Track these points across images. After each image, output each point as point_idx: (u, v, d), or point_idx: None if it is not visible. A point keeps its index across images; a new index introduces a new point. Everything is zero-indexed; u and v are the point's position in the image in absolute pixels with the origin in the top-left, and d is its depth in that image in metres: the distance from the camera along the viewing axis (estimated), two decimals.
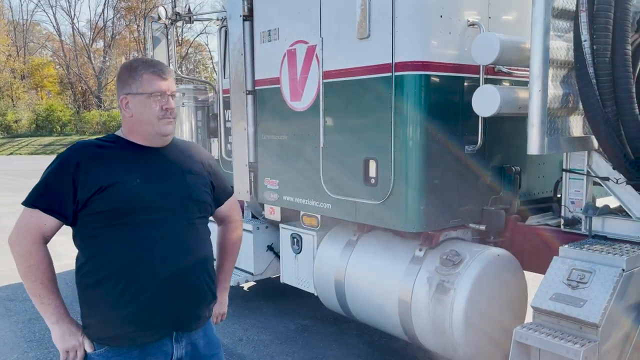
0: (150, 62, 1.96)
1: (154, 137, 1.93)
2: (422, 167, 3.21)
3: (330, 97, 3.67)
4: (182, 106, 5.52)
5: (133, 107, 1.90)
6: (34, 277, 1.83)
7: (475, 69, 3.28)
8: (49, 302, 1.85)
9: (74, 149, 1.89)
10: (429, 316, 3.22)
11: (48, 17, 58.98)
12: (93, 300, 1.86)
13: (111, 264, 1.83)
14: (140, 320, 1.85)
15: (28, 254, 1.83)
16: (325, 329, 4.71)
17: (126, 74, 1.92)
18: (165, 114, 1.90)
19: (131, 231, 1.83)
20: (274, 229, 4.82)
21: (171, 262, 1.87)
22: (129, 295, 1.82)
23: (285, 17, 4.01)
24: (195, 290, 1.96)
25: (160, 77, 1.90)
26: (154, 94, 1.88)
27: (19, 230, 1.85)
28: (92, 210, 1.81)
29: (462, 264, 3.16)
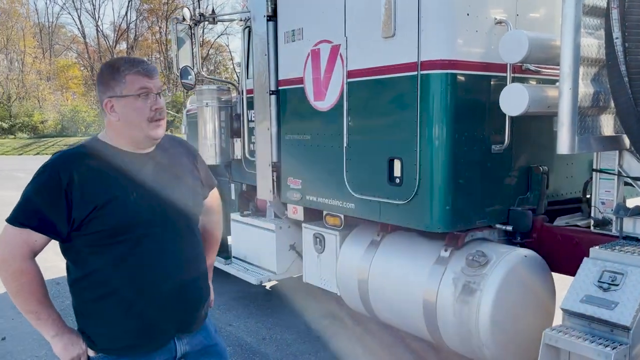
0: (133, 60, 1.83)
1: (144, 141, 1.84)
2: (448, 166, 3.17)
3: (354, 96, 3.65)
4: (206, 106, 5.56)
5: (119, 110, 1.79)
6: (27, 294, 1.78)
7: (502, 68, 3.23)
8: (46, 318, 1.81)
9: (62, 161, 1.77)
10: (454, 317, 3.18)
11: (73, 19, 60.19)
12: (96, 314, 1.84)
13: (113, 280, 1.79)
14: (144, 334, 1.86)
15: (19, 273, 1.75)
16: (348, 329, 4.70)
17: (108, 76, 1.80)
18: (155, 115, 1.81)
19: (131, 247, 1.78)
20: (296, 228, 4.82)
21: (173, 273, 1.86)
22: (133, 311, 1.81)
23: (309, 17, 4.01)
24: (196, 295, 1.98)
25: (146, 75, 1.80)
26: (141, 94, 1.78)
27: (5, 248, 1.75)
28: (89, 230, 1.74)
29: (489, 265, 3.12)
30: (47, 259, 2.37)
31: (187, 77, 5.23)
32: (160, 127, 1.84)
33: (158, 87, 1.84)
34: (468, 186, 3.26)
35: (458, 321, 3.17)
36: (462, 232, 3.35)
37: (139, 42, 45.48)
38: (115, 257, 1.78)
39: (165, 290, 1.84)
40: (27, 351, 4.32)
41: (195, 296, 1.98)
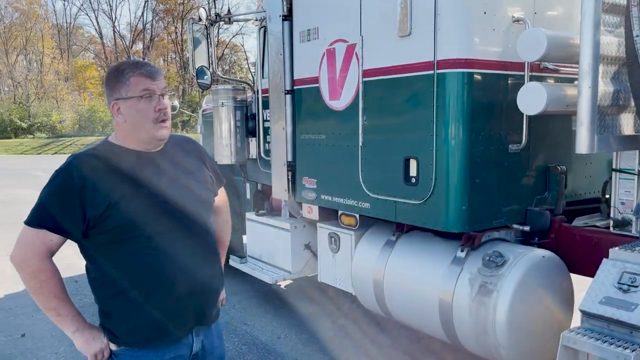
0: (137, 63, 1.89)
1: (150, 141, 1.89)
2: (465, 166, 3.15)
3: (370, 95, 3.65)
4: (222, 106, 5.58)
5: (125, 112, 1.84)
6: (47, 292, 1.83)
7: (520, 66, 3.20)
8: (66, 314, 1.86)
9: (75, 164, 1.82)
10: (470, 318, 3.16)
11: (90, 20, 60.84)
12: (116, 309, 1.89)
13: (130, 276, 1.84)
14: (164, 326, 1.89)
15: (38, 271, 1.81)
16: (363, 328, 4.69)
17: (114, 79, 1.85)
18: (160, 115, 1.84)
19: (146, 242, 1.82)
20: (311, 227, 4.82)
21: (189, 265, 1.90)
22: (152, 303, 1.85)
23: (325, 16, 4.01)
24: (212, 288, 2.03)
25: (149, 77, 1.84)
26: (144, 95, 1.82)
27: (24, 249, 1.81)
28: (103, 228, 1.79)
29: (506, 266, 3.09)
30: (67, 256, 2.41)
31: (203, 77, 5.27)
32: (165, 128, 1.88)
33: (162, 88, 1.88)
34: (485, 186, 3.24)
35: (474, 321, 3.15)
36: (478, 232, 3.33)
37: (155, 42, 45.89)
38: (132, 253, 1.82)
39: (182, 282, 1.88)
40: (47, 347, 4.39)
41: (212, 288, 2.02)
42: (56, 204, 1.78)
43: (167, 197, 1.87)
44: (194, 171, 2.02)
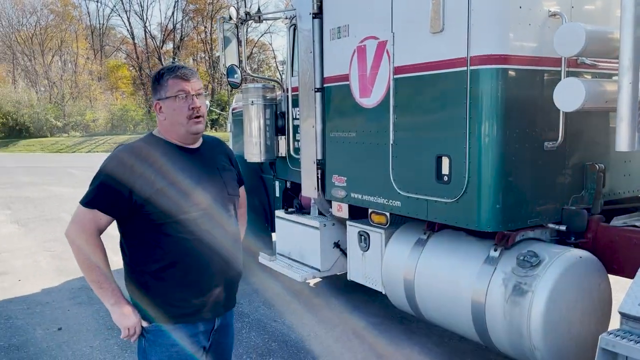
0: (174, 67, 2.11)
1: (186, 136, 2.11)
2: (499, 164, 3.09)
3: (401, 92, 3.61)
4: (251, 104, 5.62)
5: (165, 110, 2.08)
6: (92, 265, 2.03)
7: (556, 62, 3.12)
8: (107, 287, 2.04)
9: (126, 152, 2.04)
10: (504, 319, 3.10)
11: (122, 21, 62.13)
12: (154, 286, 2.06)
13: (169, 256, 2.03)
14: (198, 303, 2.09)
15: (85, 245, 2.02)
16: (394, 327, 4.67)
17: (156, 82, 2.11)
18: (193, 113, 2.06)
19: (185, 226, 2.02)
20: (340, 226, 4.82)
21: (221, 251, 2.11)
22: (187, 282, 2.05)
23: (356, 14, 3.99)
24: (239, 273, 2.26)
25: (183, 79, 2.06)
26: (179, 95, 2.05)
27: (76, 225, 2.03)
28: (148, 210, 1.99)
29: (541, 266, 3.02)
30: None
31: (233, 76, 5.30)
32: (200, 123, 2.10)
33: (196, 88, 2.09)
34: (519, 184, 3.17)
35: (508, 323, 3.09)
36: (512, 232, 3.26)
37: (185, 42, 46.50)
38: (171, 235, 2.02)
39: (215, 265, 2.10)
40: (82, 341, 4.49)
41: (238, 273, 2.25)
42: (108, 188, 1.99)
43: (204, 187, 2.09)
44: (226, 168, 2.27)
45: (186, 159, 2.10)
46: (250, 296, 5.53)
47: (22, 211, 10.89)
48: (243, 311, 5.13)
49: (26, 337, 4.58)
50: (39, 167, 20.83)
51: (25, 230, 9.02)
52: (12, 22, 47.60)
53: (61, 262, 6.54)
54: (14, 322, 4.94)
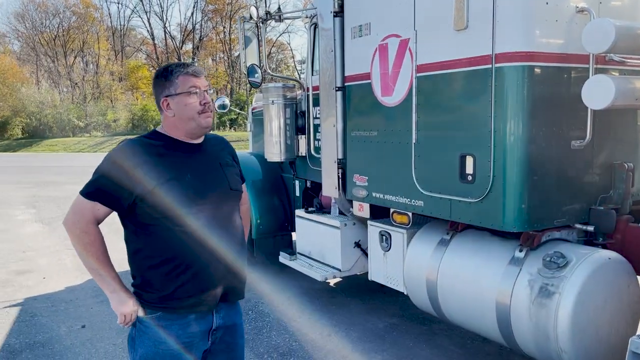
0: (183, 64, 2.14)
1: (196, 130, 2.12)
2: (525, 163, 3.04)
3: (424, 91, 3.57)
4: (272, 104, 5.62)
5: (174, 107, 2.08)
6: (90, 253, 2.05)
7: (584, 59, 3.06)
8: (105, 274, 2.07)
9: (128, 146, 2.05)
10: (530, 321, 3.05)
11: (143, 22, 62.81)
12: (154, 278, 2.08)
13: (171, 250, 2.04)
14: (196, 297, 2.08)
15: (84, 234, 2.04)
16: (415, 328, 4.62)
17: (163, 79, 2.10)
18: (204, 108, 2.09)
19: (187, 221, 2.03)
20: (361, 225, 4.79)
21: (222, 244, 2.10)
22: (188, 275, 2.05)
23: (377, 12, 3.96)
24: (240, 268, 2.21)
25: (195, 75, 2.09)
26: (192, 91, 2.07)
27: (75, 214, 2.05)
28: (149, 204, 2.00)
29: (569, 267, 2.96)
30: None
31: (253, 75, 5.31)
32: (209, 117, 2.13)
33: (205, 85, 2.13)
34: (546, 184, 3.11)
35: (534, 325, 3.04)
36: (538, 232, 3.20)
37: (204, 42, 46.83)
38: (172, 228, 2.02)
39: (217, 260, 2.09)
40: (105, 339, 4.54)
41: (239, 269, 2.21)
42: (109, 180, 2.00)
43: (205, 182, 2.11)
44: (229, 164, 2.27)
45: (188, 154, 2.12)
46: (271, 295, 5.53)
47: (46, 210, 11.08)
48: (263, 310, 5.14)
49: (50, 335, 4.65)
50: (62, 167, 21.18)
51: (49, 229, 9.18)
52: (36, 24, 48.55)
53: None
54: (38, 319, 5.02)
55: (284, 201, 6.21)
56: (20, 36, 49.96)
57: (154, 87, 2.14)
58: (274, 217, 6.12)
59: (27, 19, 48.58)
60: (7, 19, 57.94)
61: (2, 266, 6.93)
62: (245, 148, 8.62)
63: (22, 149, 36.73)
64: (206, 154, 2.18)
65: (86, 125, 40.57)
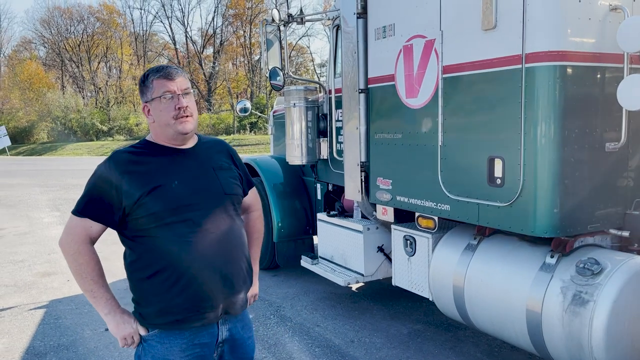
0: (158, 68, 2.04)
1: (175, 136, 2.03)
2: (557, 166, 2.94)
3: (450, 92, 3.49)
4: (293, 107, 5.59)
5: (153, 113, 2.01)
6: (84, 274, 1.99)
7: (617, 58, 2.95)
8: (100, 296, 2.00)
9: (113, 158, 2.00)
10: (563, 329, 2.94)
11: (164, 27, 63.58)
12: (148, 291, 2.00)
13: (162, 260, 1.96)
14: (192, 308, 1.99)
15: (77, 254, 1.98)
16: (440, 335, 4.53)
17: (142, 85, 2.04)
18: (179, 113, 1.98)
19: (176, 229, 1.95)
20: (384, 229, 4.72)
21: (216, 254, 2.00)
22: (180, 286, 1.96)
23: (402, 12, 3.89)
24: (239, 277, 2.09)
25: (167, 78, 1.99)
26: (164, 95, 1.98)
27: (68, 234, 2.00)
28: (138, 214, 1.94)
29: (603, 274, 2.85)
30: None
31: (275, 78, 5.28)
32: (187, 122, 2.01)
33: (182, 88, 2.01)
34: (579, 188, 3.00)
35: (567, 334, 2.93)
36: (570, 237, 3.10)
37: (225, 46, 47.19)
38: (163, 238, 1.95)
39: (211, 268, 1.99)
40: None
41: (239, 278, 2.09)
42: (97, 195, 1.97)
43: (194, 188, 2.02)
44: (223, 167, 2.16)
45: (176, 160, 2.04)
46: (293, 300, 5.49)
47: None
48: (285, 315, 5.09)
49: (75, 337, 4.67)
50: (86, 170, 21.46)
51: None
52: (61, 30, 49.52)
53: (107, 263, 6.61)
54: (62, 321, 5.05)
55: (306, 204, 6.17)
56: (46, 42, 51.06)
57: (139, 93, 2.08)
58: (295, 220, 6.07)
59: (53, 26, 49.62)
60: (33, 26, 59.16)
61: (28, 268, 7.02)
62: (265, 151, 8.61)
63: (47, 152, 37.44)
64: (196, 159, 2.08)
65: (109, 129, 41.18)
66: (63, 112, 41.25)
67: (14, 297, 5.83)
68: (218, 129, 36.55)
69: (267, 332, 4.70)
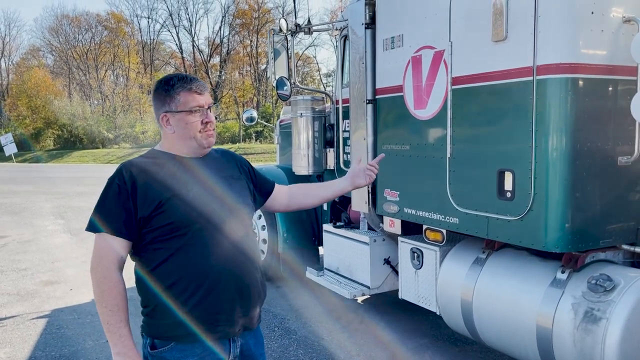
0: (186, 78, 1.99)
1: (198, 149, 2.01)
2: (568, 180, 2.88)
3: (460, 104, 3.45)
4: (300, 117, 5.57)
5: (174, 124, 1.96)
6: (105, 302, 1.87)
7: (631, 71, 2.91)
8: (114, 331, 1.88)
9: (125, 169, 1.92)
10: (574, 347, 2.87)
11: (172, 36, 63.96)
12: (164, 303, 1.92)
13: (178, 271, 1.90)
14: (210, 320, 1.93)
15: (102, 279, 1.88)
16: (446, 350, 4.45)
17: (164, 93, 1.97)
18: (206, 127, 1.97)
19: (193, 239, 1.90)
20: (391, 241, 4.67)
21: (232, 265, 1.95)
22: (198, 297, 1.90)
23: (410, 23, 3.86)
24: (255, 290, 2.04)
25: (198, 92, 1.96)
26: (195, 110, 1.94)
27: (96, 256, 1.90)
28: (154, 225, 1.88)
29: (616, 291, 2.79)
30: None
31: (282, 88, 5.26)
32: (212, 137, 2.02)
33: (209, 102, 2.00)
34: (591, 202, 2.95)
35: (578, 351, 2.86)
36: (581, 253, 3.04)
37: (231, 55, 47.43)
38: (178, 250, 1.89)
39: (228, 280, 1.94)
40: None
41: (255, 291, 2.04)
42: (112, 208, 1.88)
43: (210, 198, 1.96)
44: (234, 177, 2.12)
45: (191, 169, 1.99)
46: (297, 312, 5.42)
47: (74, 221, 11.21)
48: (290, 327, 5.02)
49: (76, 348, 4.62)
50: (91, 178, 21.53)
51: (77, 240, 9.26)
52: (69, 38, 49.91)
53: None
54: (64, 331, 5.00)
55: (311, 215, 6.12)
56: (54, 50, 51.47)
57: (154, 99, 2.01)
58: (301, 231, 6.02)
59: (61, 34, 50.01)
60: (41, 34, 59.71)
61: (31, 277, 6.99)
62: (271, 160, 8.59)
63: (53, 159, 37.58)
64: (210, 168, 2.04)
65: (115, 137, 41.33)
66: (70, 119, 41.46)
67: (16, 306, 5.79)
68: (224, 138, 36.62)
69: (272, 344, 4.63)
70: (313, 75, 43.26)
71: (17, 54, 54.48)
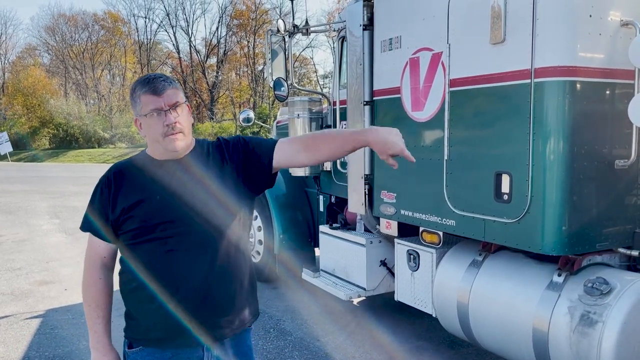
0: (145, 80, 1.88)
1: (165, 154, 1.92)
2: (565, 183, 2.89)
3: (457, 106, 3.45)
4: (297, 118, 5.56)
5: (144, 128, 1.91)
6: (85, 298, 1.97)
7: (628, 74, 2.91)
8: (90, 325, 1.97)
9: (110, 172, 1.96)
10: (570, 350, 2.87)
11: (169, 36, 63.72)
12: (130, 305, 1.98)
13: (141, 275, 1.90)
14: (167, 328, 1.90)
15: (85, 276, 1.98)
16: (442, 352, 4.44)
17: (131, 98, 1.93)
18: (168, 130, 1.84)
19: (157, 246, 1.87)
20: (387, 243, 4.66)
21: (198, 273, 1.89)
22: (157, 304, 1.88)
23: (408, 25, 3.86)
24: (226, 300, 1.95)
25: (154, 94, 1.84)
26: (150, 114, 1.84)
27: (85, 254, 2.00)
28: (124, 229, 1.89)
29: (613, 294, 2.79)
30: None
31: (279, 89, 5.25)
32: (177, 140, 1.87)
33: (170, 103, 1.85)
34: (587, 205, 2.95)
35: (575, 355, 2.86)
36: (578, 256, 3.04)
37: (228, 56, 47.36)
38: (143, 254, 1.89)
39: (189, 289, 1.88)
40: None
41: (225, 301, 1.95)
42: (94, 209, 1.93)
43: (178, 204, 1.88)
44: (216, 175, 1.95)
45: (165, 172, 1.91)
46: (293, 313, 5.41)
47: (69, 220, 11.15)
48: (285, 329, 5.01)
49: (70, 348, 4.59)
50: (87, 177, 21.44)
51: (72, 239, 9.21)
52: (66, 37, 49.73)
53: None
54: (59, 332, 4.97)
55: (308, 216, 6.11)
56: (50, 49, 51.24)
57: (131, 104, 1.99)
58: (297, 232, 6.02)
59: (57, 33, 49.81)
60: (38, 33, 59.49)
61: (25, 276, 6.95)
62: None
63: (48, 159, 37.44)
64: (187, 169, 1.93)
65: (111, 136, 41.21)
66: (65, 119, 41.33)
67: (10, 306, 5.75)
68: None
69: (267, 345, 4.62)
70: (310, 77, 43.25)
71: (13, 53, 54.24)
